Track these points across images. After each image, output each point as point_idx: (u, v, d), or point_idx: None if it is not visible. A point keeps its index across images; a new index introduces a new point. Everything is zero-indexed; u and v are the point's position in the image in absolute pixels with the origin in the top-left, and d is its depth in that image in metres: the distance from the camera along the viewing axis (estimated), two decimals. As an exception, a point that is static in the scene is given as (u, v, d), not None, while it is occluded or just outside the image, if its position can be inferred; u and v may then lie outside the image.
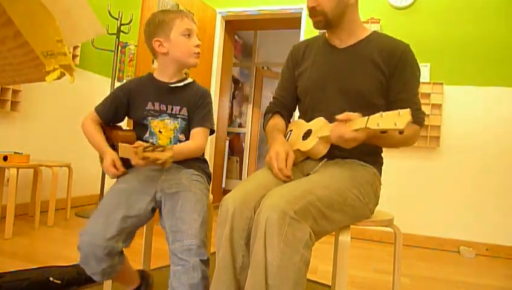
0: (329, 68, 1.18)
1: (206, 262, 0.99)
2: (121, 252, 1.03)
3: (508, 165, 2.66)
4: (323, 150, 1.06)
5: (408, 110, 0.80)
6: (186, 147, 1.19)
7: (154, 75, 1.26)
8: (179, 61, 1.22)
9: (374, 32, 1.20)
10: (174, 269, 0.98)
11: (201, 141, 1.21)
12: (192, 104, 1.23)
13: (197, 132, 1.21)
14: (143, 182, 1.12)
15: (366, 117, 0.88)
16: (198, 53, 1.22)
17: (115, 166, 1.12)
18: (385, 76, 1.12)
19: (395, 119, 0.81)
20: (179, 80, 1.25)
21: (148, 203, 1.08)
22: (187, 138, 1.23)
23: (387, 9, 2.99)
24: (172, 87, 1.23)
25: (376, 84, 1.12)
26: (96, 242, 0.95)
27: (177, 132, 1.22)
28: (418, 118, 1.12)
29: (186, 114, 1.22)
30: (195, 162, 1.24)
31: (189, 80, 1.28)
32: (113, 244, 0.97)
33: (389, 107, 1.12)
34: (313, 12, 1.15)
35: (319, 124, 1.09)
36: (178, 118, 1.21)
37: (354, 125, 0.91)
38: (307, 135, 1.12)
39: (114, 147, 1.19)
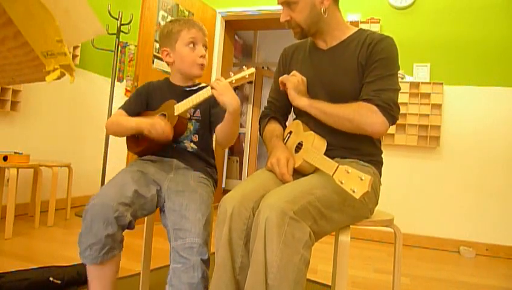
0: (315, 71, 1.18)
1: (206, 262, 0.99)
2: (122, 237, 1.03)
3: (508, 165, 2.66)
4: (310, 168, 1.07)
5: (369, 178, 0.81)
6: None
7: (170, 79, 1.31)
8: (183, 71, 1.27)
9: (359, 30, 1.19)
10: (174, 267, 0.98)
11: None
12: (206, 105, 1.25)
13: None
14: (153, 173, 1.15)
15: (336, 166, 0.89)
16: (203, 64, 1.25)
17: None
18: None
19: (355, 185, 0.83)
20: (193, 84, 1.30)
21: (155, 193, 1.11)
22: (200, 139, 1.26)
23: (387, 9, 2.99)
24: (187, 90, 1.26)
25: (361, 82, 1.11)
26: (108, 203, 0.96)
27: (190, 133, 1.24)
28: (374, 97, 1.05)
29: (200, 116, 1.25)
30: (204, 166, 1.26)
31: (203, 84, 1.31)
32: (123, 211, 0.97)
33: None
34: (288, 25, 1.17)
35: (310, 140, 1.09)
36: (192, 119, 1.24)
37: (321, 166, 0.95)
38: (298, 148, 1.12)
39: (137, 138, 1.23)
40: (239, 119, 1.19)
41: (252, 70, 1.07)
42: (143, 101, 1.28)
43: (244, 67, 1.09)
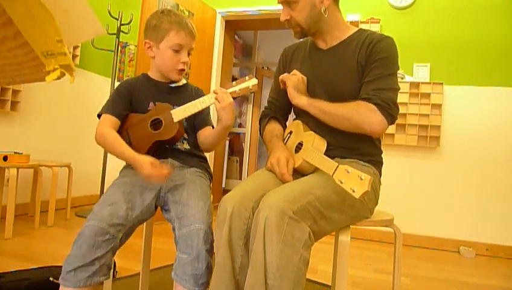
0: (315, 71, 1.18)
1: (211, 251, 0.99)
2: (111, 263, 0.99)
3: (508, 165, 2.66)
4: (310, 168, 1.07)
5: (368, 177, 0.81)
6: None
7: (150, 75, 1.27)
8: (161, 71, 1.23)
9: (359, 30, 1.18)
10: (179, 256, 0.98)
11: None
12: None
13: (210, 130, 1.24)
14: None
15: (336, 165, 0.89)
16: (182, 70, 1.21)
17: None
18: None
19: (355, 184, 0.83)
20: (174, 80, 1.26)
21: (152, 199, 1.09)
22: (189, 137, 1.25)
23: (387, 9, 2.99)
24: (172, 87, 1.25)
25: (360, 82, 1.11)
26: (100, 225, 0.94)
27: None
28: (373, 96, 1.05)
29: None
30: (197, 160, 1.25)
31: (184, 81, 1.30)
32: (114, 233, 0.96)
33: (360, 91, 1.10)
34: (288, 24, 1.17)
35: (310, 140, 1.09)
36: None
37: (321, 166, 0.95)
38: (298, 148, 1.12)
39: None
40: (227, 133, 1.20)
41: (255, 81, 1.07)
42: (127, 102, 1.20)
43: (246, 77, 1.08)
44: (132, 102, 1.22)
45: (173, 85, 1.25)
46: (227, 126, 1.11)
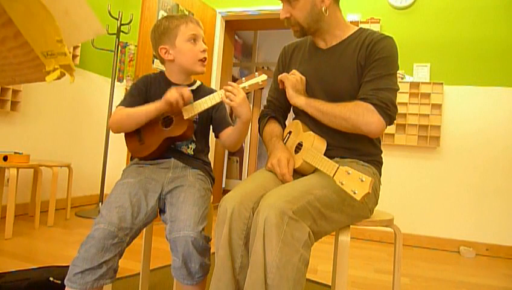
0: (314, 70, 1.18)
1: (204, 252, 1.00)
2: (117, 266, 0.99)
3: (507, 165, 2.66)
4: (310, 169, 1.07)
5: (369, 179, 0.81)
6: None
7: (167, 76, 1.27)
8: (185, 68, 1.24)
9: (359, 29, 1.18)
10: (173, 258, 1.01)
11: None
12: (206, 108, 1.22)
13: (231, 129, 1.24)
14: (150, 180, 1.13)
15: (336, 167, 0.89)
16: (205, 58, 1.23)
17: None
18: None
19: (356, 186, 0.83)
20: (190, 83, 1.28)
21: (156, 201, 1.09)
22: (198, 141, 1.25)
23: (387, 9, 2.99)
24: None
25: (359, 82, 1.11)
26: (110, 229, 0.94)
27: None
28: (371, 96, 1.05)
29: (198, 118, 1.23)
30: (201, 163, 1.25)
31: (199, 82, 1.30)
32: (123, 236, 0.96)
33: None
34: (287, 22, 1.16)
35: (310, 140, 1.09)
36: None
37: (322, 167, 0.95)
38: (298, 148, 1.12)
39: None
40: (249, 126, 1.20)
41: (264, 77, 1.07)
42: (143, 97, 1.22)
43: (256, 73, 1.08)
44: (147, 99, 1.22)
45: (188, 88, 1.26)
46: (246, 120, 1.12)
